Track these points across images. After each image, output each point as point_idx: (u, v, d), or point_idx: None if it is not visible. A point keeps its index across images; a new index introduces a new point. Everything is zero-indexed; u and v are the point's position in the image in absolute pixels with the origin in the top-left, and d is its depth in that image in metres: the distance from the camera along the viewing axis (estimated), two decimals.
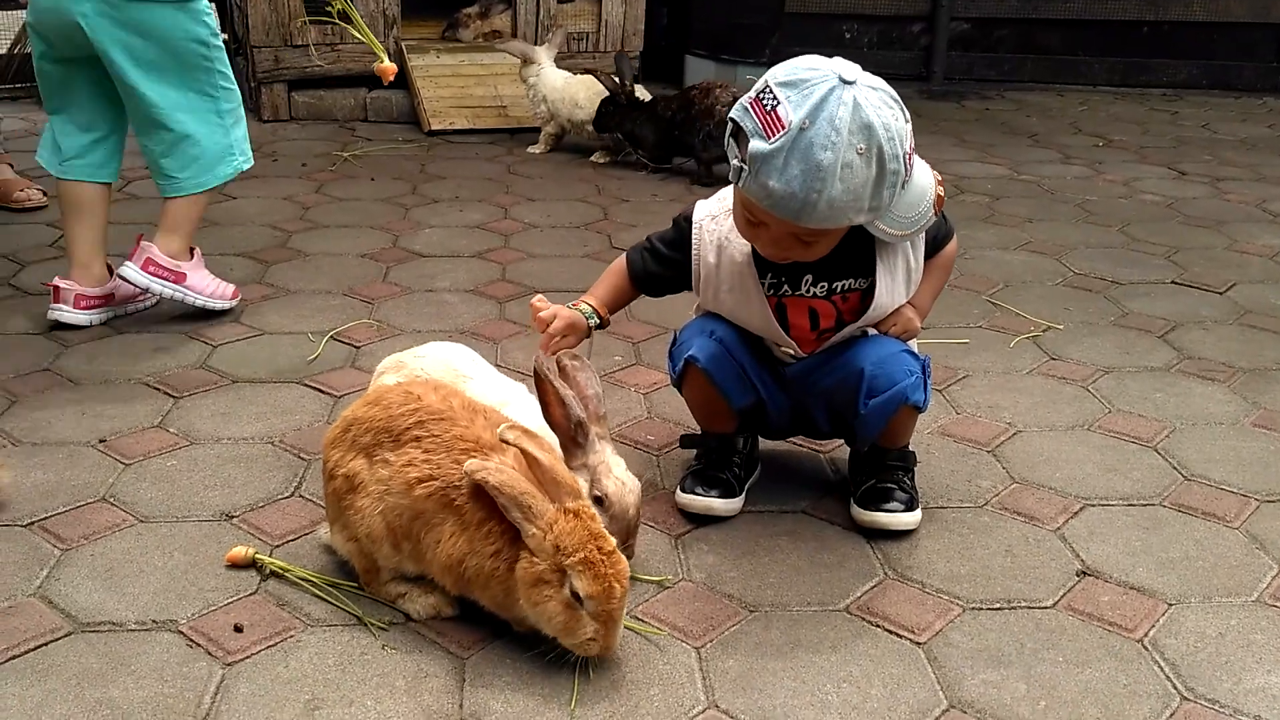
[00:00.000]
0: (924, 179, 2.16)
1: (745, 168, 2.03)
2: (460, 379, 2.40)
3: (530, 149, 5.58)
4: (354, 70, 6.17)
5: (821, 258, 2.22)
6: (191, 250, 3.42)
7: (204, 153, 3.30)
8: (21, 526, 2.33)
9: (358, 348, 3.24)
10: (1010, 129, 6.46)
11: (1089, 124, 6.57)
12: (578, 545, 1.85)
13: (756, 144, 2.00)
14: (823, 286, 2.31)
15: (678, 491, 2.48)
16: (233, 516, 2.39)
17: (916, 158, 2.14)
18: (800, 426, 2.56)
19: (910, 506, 2.41)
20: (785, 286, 2.32)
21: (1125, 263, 4.17)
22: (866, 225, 2.12)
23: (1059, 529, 2.44)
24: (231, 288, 3.52)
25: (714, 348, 2.37)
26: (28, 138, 5.58)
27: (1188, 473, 2.67)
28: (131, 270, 3.27)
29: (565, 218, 4.58)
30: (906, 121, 2.05)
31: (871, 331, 2.38)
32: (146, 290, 3.31)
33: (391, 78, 3.79)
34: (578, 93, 5.35)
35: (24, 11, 6.18)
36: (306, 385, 3.01)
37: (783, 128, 1.97)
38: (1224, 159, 5.83)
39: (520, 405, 2.33)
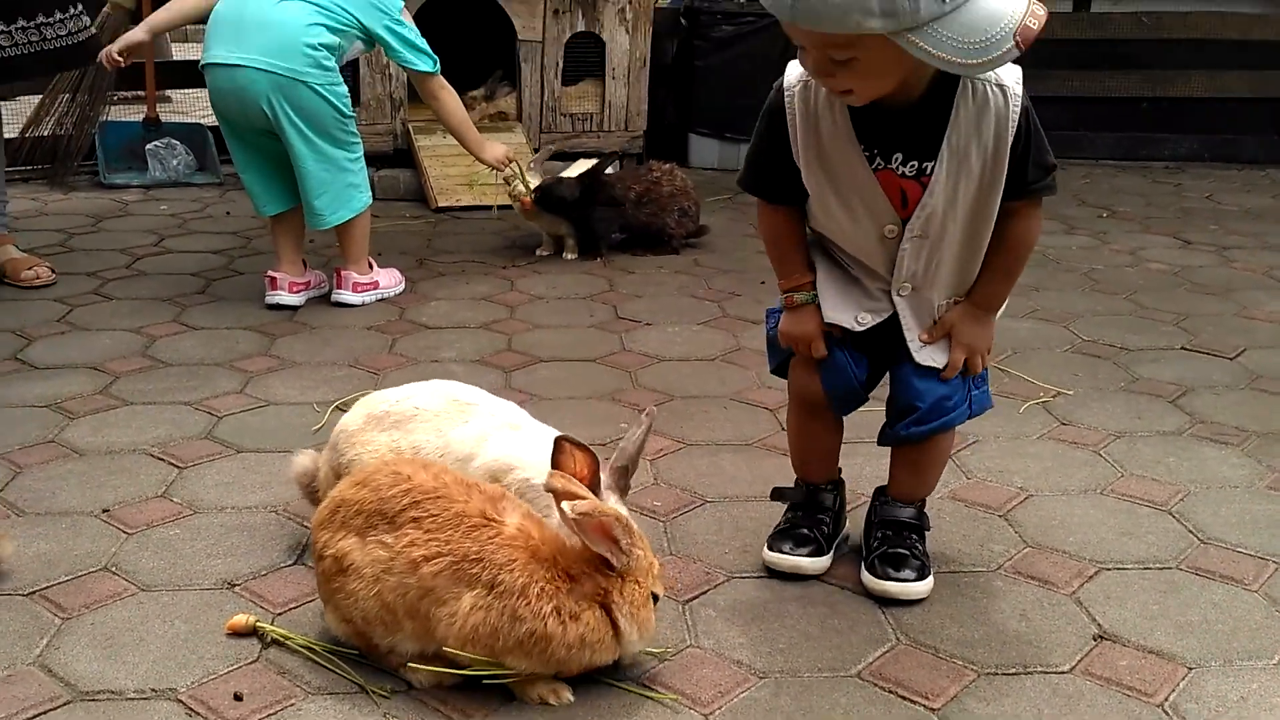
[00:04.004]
0: (1002, 4, 1.87)
1: None
2: (465, 408, 2.40)
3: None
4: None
5: (908, 133, 2.11)
6: (370, 263, 4.45)
7: (340, 193, 4.25)
8: (23, 595, 2.30)
9: None
10: None
11: (1092, 196, 6.61)
12: (652, 555, 2.03)
13: None
14: (912, 166, 2.15)
15: (765, 550, 2.46)
16: (235, 585, 2.36)
17: None
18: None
19: (922, 575, 2.37)
20: (878, 159, 2.17)
21: (1134, 329, 4.16)
22: (902, 43, 1.86)
23: (1074, 593, 2.39)
24: (397, 274, 4.57)
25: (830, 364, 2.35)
26: (39, 217, 5.64)
27: (1204, 536, 2.63)
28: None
29: (571, 289, 4.60)
30: None
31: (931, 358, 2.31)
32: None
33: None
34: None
35: (36, 96, 6.31)
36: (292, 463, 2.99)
37: None
38: (1229, 228, 5.84)
39: (517, 435, 2.34)
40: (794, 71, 2.20)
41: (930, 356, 2.30)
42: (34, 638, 2.15)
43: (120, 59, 4.40)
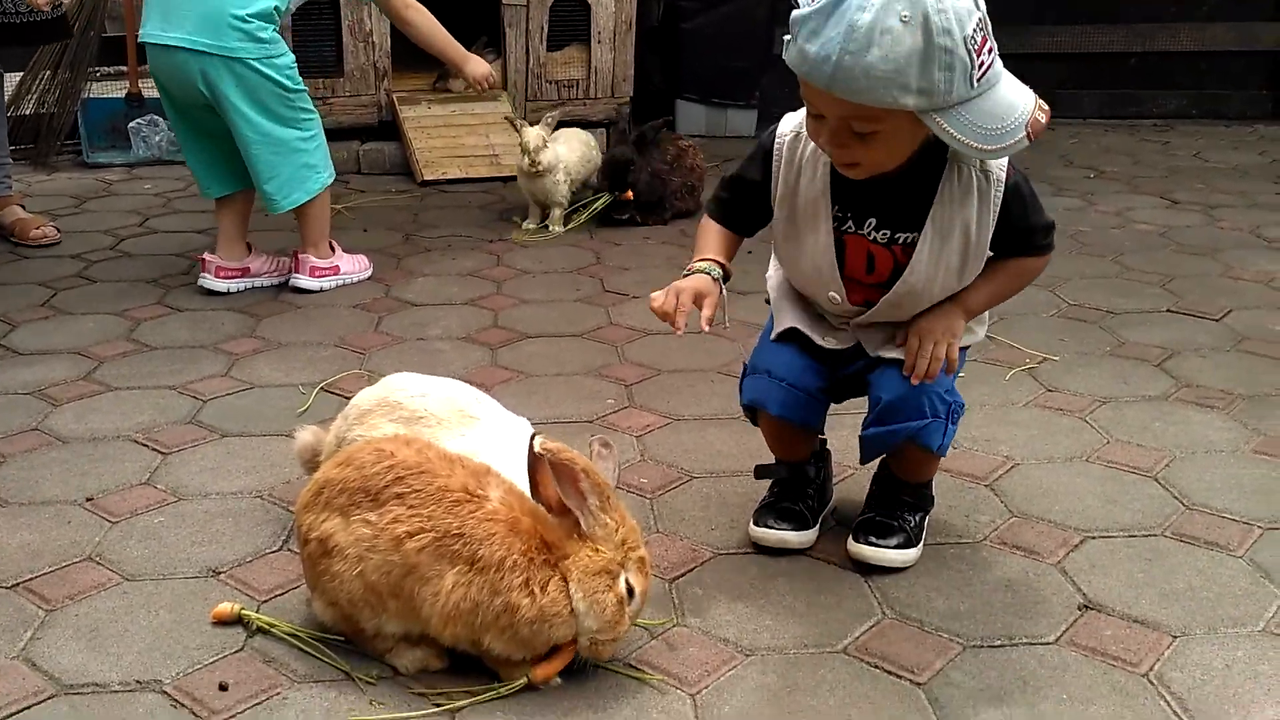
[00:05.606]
0: (1015, 95, 1.98)
1: (788, 35, 1.96)
2: (467, 420, 2.36)
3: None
4: (345, 123, 6.19)
5: (887, 201, 2.15)
6: (331, 246, 4.25)
7: (294, 175, 4.05)
8: (6, 588, 2.30)
9: (348, 398, 3.20)
10: None
11: (1080, 156, 6.58)
12: (638, 542, 1.97)
13: (797, 11, 1.93)
14: (885, 234, 2.19)
15: (750, 525, 2.46)
16: (219, 572, 2.35)
17: (1008, 74, 1.99)
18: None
19: (905, 545, 2.37)
20: (850, 223, 2.21)
21: (1120, 292, 4.15)
22: (927, 121, 1.92)
23: (1059, 562, 2.40)
24: (364, 259, 4.38)
25: (778, 391, 2.34)
26: (23, 199, 5.58)
27: (1189, 502, 2.64)
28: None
29: (558, 263, 4.58)
30: (978, 9, 1.89)
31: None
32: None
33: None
34: (575, 144, 5.22)
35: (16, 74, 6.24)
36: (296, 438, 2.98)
37: None
38: (1216, 187, 5.82)
39: (505, 457, 2.25)
40: (790, 122, 2.25)
41: (891, 350, 2.30)
42: (18, 631, 2.15)
43: (44, 6, 4.36)
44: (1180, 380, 3.34)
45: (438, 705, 1.94)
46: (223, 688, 1.98)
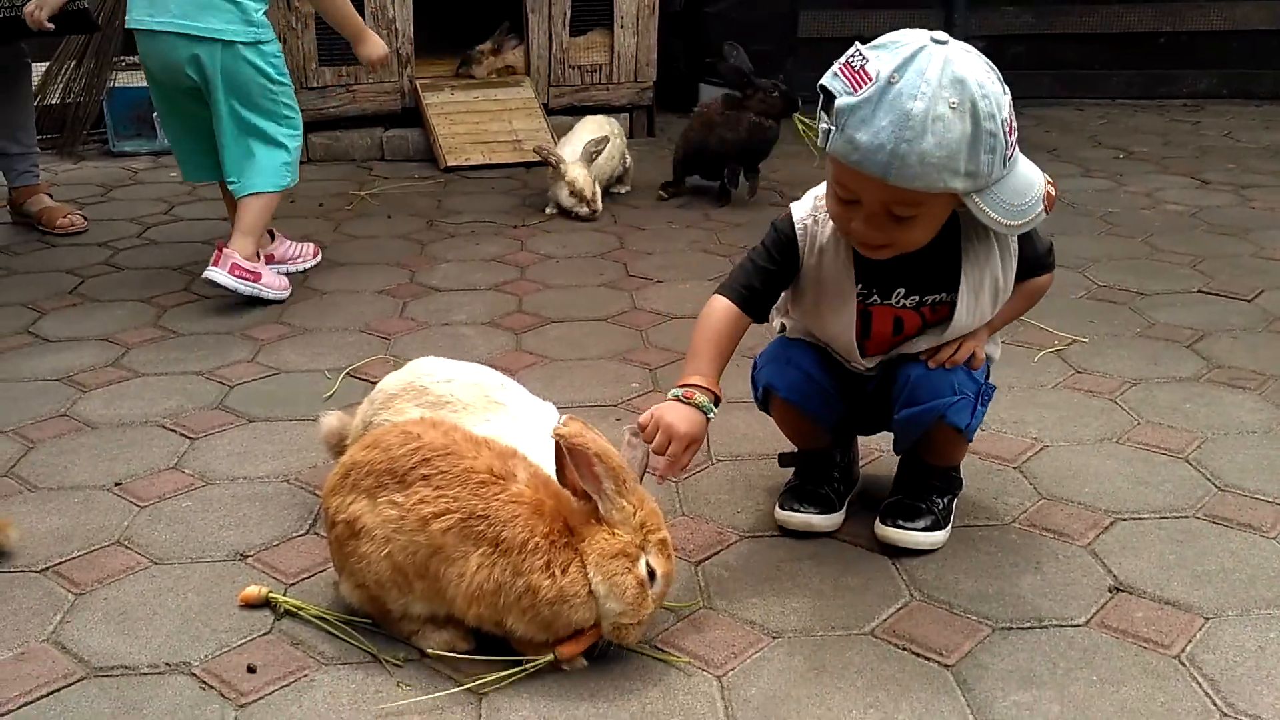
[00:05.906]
0: (1033, 173, 2.07)
1: (832, 127, 1.98)
2: (492, 406, 2.36)
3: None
4: (369, 110, 6.21)
5: (913, 270, 2.18)
6: (258, 253, 4.02)
7: (260, 165, 3.95)
8: (36, 572, 2.31)
9: (374, 383, 3.21)
10: (1030, 145, 6.35)
11: (1109, 137, 6.52)
12: (659, 525, 1.96)
13: (843, 99, 1.95)
14: (914, 299, 2.24)
15: (776, 509, 2.46)
16: (247, 556, 2.36)
17: (1021, 154, 2.06)
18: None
19: (933, 527, 2.35)
20: (875, 296, 2.24)
21: (1150, 273, 4.11)
22: (968, 202, 1.99)
23: (1089, 544, 2.37)
24: (285, 281, 4.05)
25: (794, 375, 2.35)
26: (51, 188, 5.62)
27: (1221, 483, 2.61)
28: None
29: (581, 247, 4.57)
30: (1006, 94, 1.96)
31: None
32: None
33: None
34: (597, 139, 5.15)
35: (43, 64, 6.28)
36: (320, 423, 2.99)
37: (870, 80, 1.92)
38: (1248, 167, 5.76)
39: (528, 444, 2.24)
40: (802, 208, 2.27)
41: (915, 347, 2.32)
42: (47, 614, 2.16)
43: (48, 24, 4.19)
44: (1211, 361, 3.30)
45: (464, 687, 1.94)
46: (251, 670, 1.98)
